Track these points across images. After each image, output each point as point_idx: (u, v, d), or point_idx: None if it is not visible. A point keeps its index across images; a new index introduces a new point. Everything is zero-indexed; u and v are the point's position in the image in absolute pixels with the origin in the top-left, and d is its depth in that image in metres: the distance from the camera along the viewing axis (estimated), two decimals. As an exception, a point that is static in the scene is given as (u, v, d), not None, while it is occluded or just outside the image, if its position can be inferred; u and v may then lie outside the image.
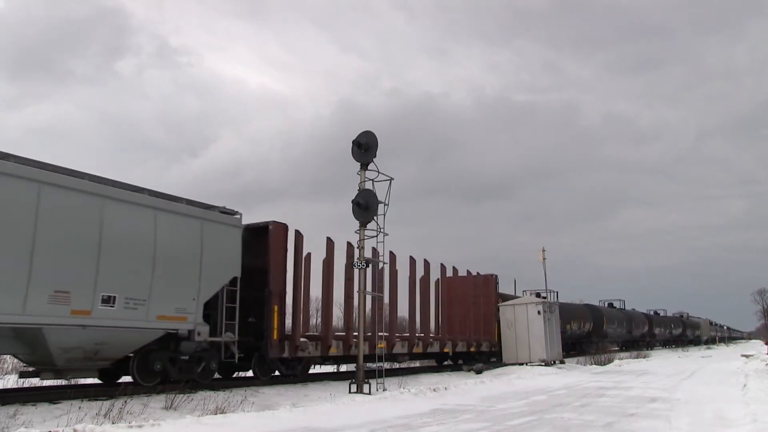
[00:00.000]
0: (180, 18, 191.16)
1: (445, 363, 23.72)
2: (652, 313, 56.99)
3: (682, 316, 69.58)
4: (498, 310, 24.82)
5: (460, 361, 23.55)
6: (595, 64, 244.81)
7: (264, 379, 15.04)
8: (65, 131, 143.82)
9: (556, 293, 38.92)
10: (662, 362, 29.21)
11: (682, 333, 63.79)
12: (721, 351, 50.07)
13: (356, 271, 14.93)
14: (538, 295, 36.12)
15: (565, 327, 31.06)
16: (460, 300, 23.59)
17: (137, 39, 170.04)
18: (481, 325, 23.98)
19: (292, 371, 15.87)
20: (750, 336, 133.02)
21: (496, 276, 25.46)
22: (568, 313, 33.75)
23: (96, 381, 13.05)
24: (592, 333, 37.91)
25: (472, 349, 23.31)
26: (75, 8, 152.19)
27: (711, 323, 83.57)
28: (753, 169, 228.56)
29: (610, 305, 48.68)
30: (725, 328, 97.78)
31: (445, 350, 21.87)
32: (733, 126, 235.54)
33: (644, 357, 33.67)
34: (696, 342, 69.37)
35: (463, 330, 23.17)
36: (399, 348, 19.07)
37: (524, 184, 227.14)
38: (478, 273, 24.95)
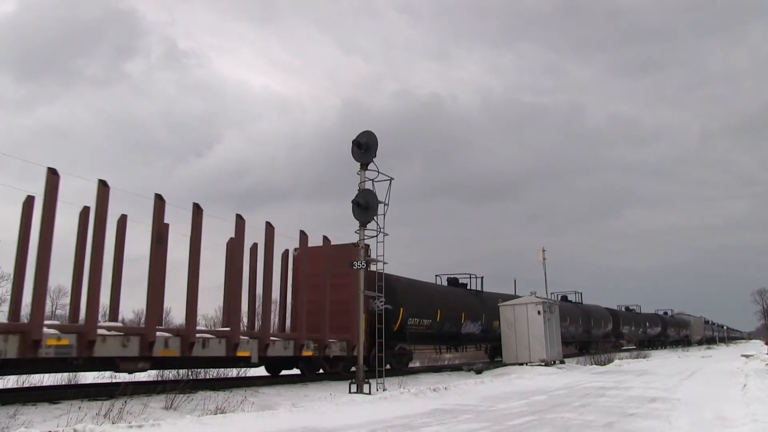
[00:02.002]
0: (188, 20, 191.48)
1: (283, 374, 17.40)
2: (622, 309, 50.79)
3: (666, 313, 62.64)
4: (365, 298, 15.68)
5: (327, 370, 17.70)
6: (597, 66, 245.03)
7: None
8: (71, 132, 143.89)
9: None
10: (662, 362, 29.22)
11: (662, 332, 56.24)
12: (721, 351, 50.07)
13: (359, 272, 14.91)
14: (563, 298, 36.11)
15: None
16: (315, 281, 16.35)
17: (146, 41, 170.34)
18: (337, 319, 16.40)
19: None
20: (750, 336, 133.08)
21: (367, 246, 16.11)
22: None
23: (96, 381, 13.05)
24: None
25: (308, 353, 15.59)
26: (86, 10, 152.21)
27: (707, 322, 79.25)
28: (754, 171, 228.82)
29: (564, 298, 40.06)
30: (725, 328, 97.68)
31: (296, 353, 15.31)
32: (734, 128, 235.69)
33: (644, 357, 33.70)
34: (684, 343, 62.66)
35: (313, 325, 16.14)
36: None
37: (528, 185, 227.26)
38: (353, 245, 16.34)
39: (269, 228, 14.74)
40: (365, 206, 14.64)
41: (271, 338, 14.59)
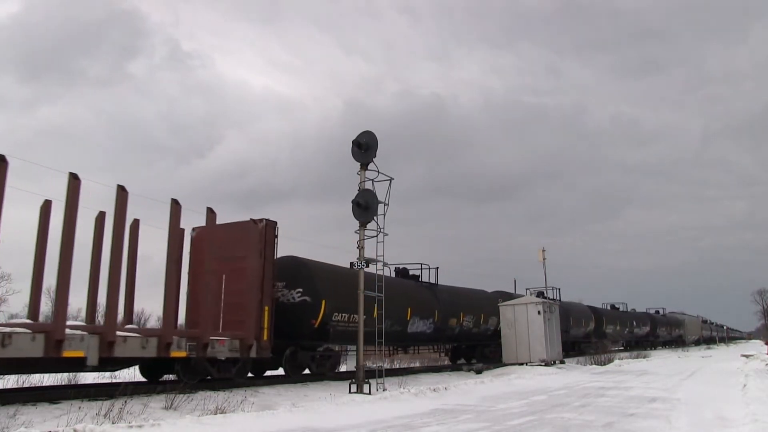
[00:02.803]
0: (192, 21, 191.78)
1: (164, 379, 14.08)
2: (607, 307, 47.06)
3: (658, 312, 58.89)
4: (274, 287, 15.11)
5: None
6: (598, 67, 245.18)
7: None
8: (74, 132, 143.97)
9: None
10: (662, 362, 29.22)
11: (651, 332, 52.10)
12: (721, 351, 50.07)
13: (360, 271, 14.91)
14: (540, 294, 34.53)
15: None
16: (212, 264, 13.61)
17: (149, 41, 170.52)
18: (232, 313, 14.09)
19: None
20: (750, 336, 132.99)
21: (274, 224, 14.86)
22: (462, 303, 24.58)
23: (96, 381, 13.04)
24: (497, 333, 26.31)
25: (179, 354, 12.31)
26: (90, 10, 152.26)
27: (705, 322, 77.14)
28: (754, 171, 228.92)
29: (540, 295, 34.16)
30: (725, 328, 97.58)
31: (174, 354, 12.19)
32: (735, 128, 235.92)
33: (644, 357, 33.72)
34: (677, 343, 59.10)
35: (211, 318, 13.29)
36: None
37: (529, 185, 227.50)
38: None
39: (122, 192, 11.39)
40: (365, 206, 14.64)
41: (120, 334, 11.06)
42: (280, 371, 16.61)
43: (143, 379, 14.45)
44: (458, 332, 23.33)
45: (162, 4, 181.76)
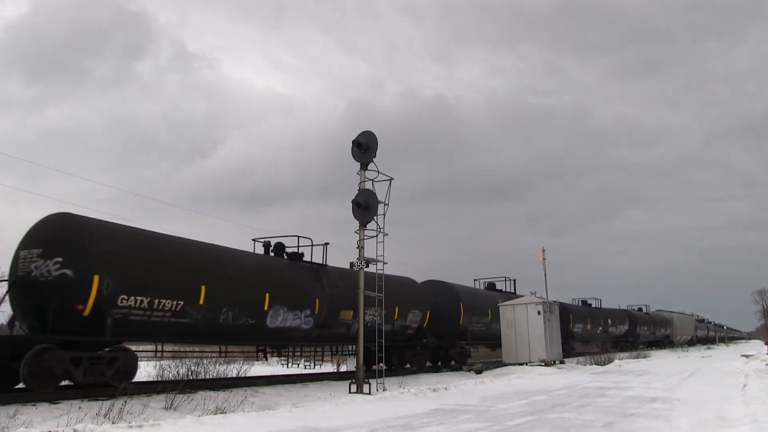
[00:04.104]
0: (196, 22, 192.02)
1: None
2: (578, 303, 40.87)
3: (641, 309, 53.37)
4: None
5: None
6: (598, 68, 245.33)
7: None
8: (78, 133, 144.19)
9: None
10: (662, 362, 29.21)
11: (630, 331, 46.82)
12: (720, 351, 50.05)
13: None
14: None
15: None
16: None
17: (156, 42, 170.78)
18: None
19: None
20: (750, 336, 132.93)
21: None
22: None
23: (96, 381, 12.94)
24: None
25: None
26: (97, 12, 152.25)
27: (702, 320, 74.30)
28: (755, 172, 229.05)
29: (491, 287, 31.60)
30: (725, 327, 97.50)
31: None
32: (735, 129, 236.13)
33: (644, 357, 33.71)
34: (664, 344, 54.17)
35: None
36: None
37: (531, 186, 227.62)
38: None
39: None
40: (365, 206, 14.64)
41: None
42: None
43: (144, 379, 14.48)
44: (358, 329, 15.87)
45: (169, 5, 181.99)
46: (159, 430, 7.82)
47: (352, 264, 14.97)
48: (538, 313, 23.94)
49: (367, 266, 14.86)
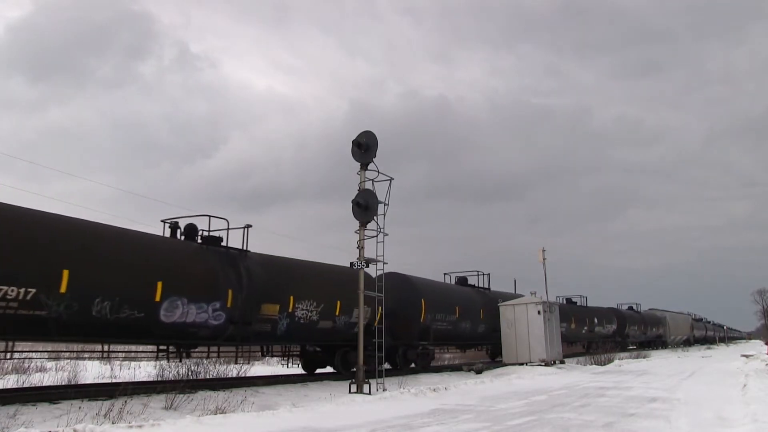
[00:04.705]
0: (199, 23, 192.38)
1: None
2: (562, 301, 36.95)
3: (632, 307, 50.17)
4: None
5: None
6: (598, 69, 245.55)
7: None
8: (79, 133, 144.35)
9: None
10: (662, 362, 29.22)
11: (618, 331, 42.72)
12: (720, 351, 50.05)
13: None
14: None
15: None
16: None
17: (159, 43, 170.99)
18: None
19: None
20: (750, 336, 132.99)
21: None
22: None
23: (96, 381, 13.04)
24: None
25: None
26: (100, 13, 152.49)
27: (700, 320, 72.63)
28: (755, 172, 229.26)
29: (462, 282, 27.06)
30: (724, 327, 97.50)
31: None
32: (736, 129, 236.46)
33: (644, 357, 33.71)
34: (656, 344, 51.18)
35: None
36: None
37: (532, 186, 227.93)
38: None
39: None
40: (365, 206, 14.64)
41: None
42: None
43: (144, 379, 14.48)
44: (288, 326, 15.18)
45: (172, 6, 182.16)
46: (159, 430, 7.82)
47: (352, 264, 14.95)
48: (538, 313, 23.95)
49: (368, 266, 14.86)
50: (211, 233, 14.71)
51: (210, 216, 14.60)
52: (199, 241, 14.59)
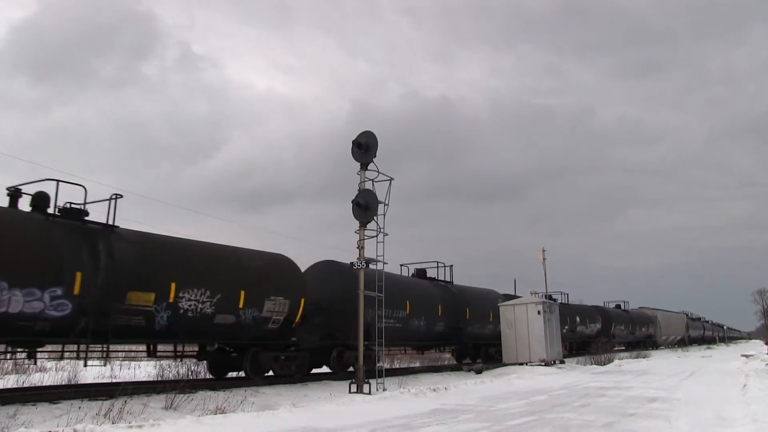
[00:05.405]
0: (202, 24, 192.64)
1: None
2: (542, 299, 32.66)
3: (619, 306, 47.08)
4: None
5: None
6: (599, 69, 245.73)
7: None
8: (80, 133, 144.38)
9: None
10: (662, 362, 29.22)
11: (603, 330, 39.41)
12: (720, 351, 50.05)
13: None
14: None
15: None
16: None
17: (162, 44, 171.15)
18: None
19: None
20: (750, 336, 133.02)
21: None
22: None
23: (96, 381, 13.03)
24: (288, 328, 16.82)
25: None
26: (104, 13, 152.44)
27: (697, 319, 71.39)
28: (755, 172, 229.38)
29: (421, 274, 24.15)
30: (724, 327, 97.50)
31: None
32: (736, 130, 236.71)
33: (644, 357, 33.72)
34: (646, 344, 48.34)
35: None
36: None
37: (532, 186, 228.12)
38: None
39: None
40: (365, 206, 14.64)
41: None
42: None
43: (143, 379, 14.48)
44: (170, 320, 12.45)
45: (175, 7, 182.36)
46: (159, 430, 7.82)
47: (352, 264, 14.95)
48: (538, 312, 23.95)
49: (367, 266, 14.85)
50: (75, 206, 11.89)
51: (58, 180, 11.44)
52: (52, 212, 11.43)
